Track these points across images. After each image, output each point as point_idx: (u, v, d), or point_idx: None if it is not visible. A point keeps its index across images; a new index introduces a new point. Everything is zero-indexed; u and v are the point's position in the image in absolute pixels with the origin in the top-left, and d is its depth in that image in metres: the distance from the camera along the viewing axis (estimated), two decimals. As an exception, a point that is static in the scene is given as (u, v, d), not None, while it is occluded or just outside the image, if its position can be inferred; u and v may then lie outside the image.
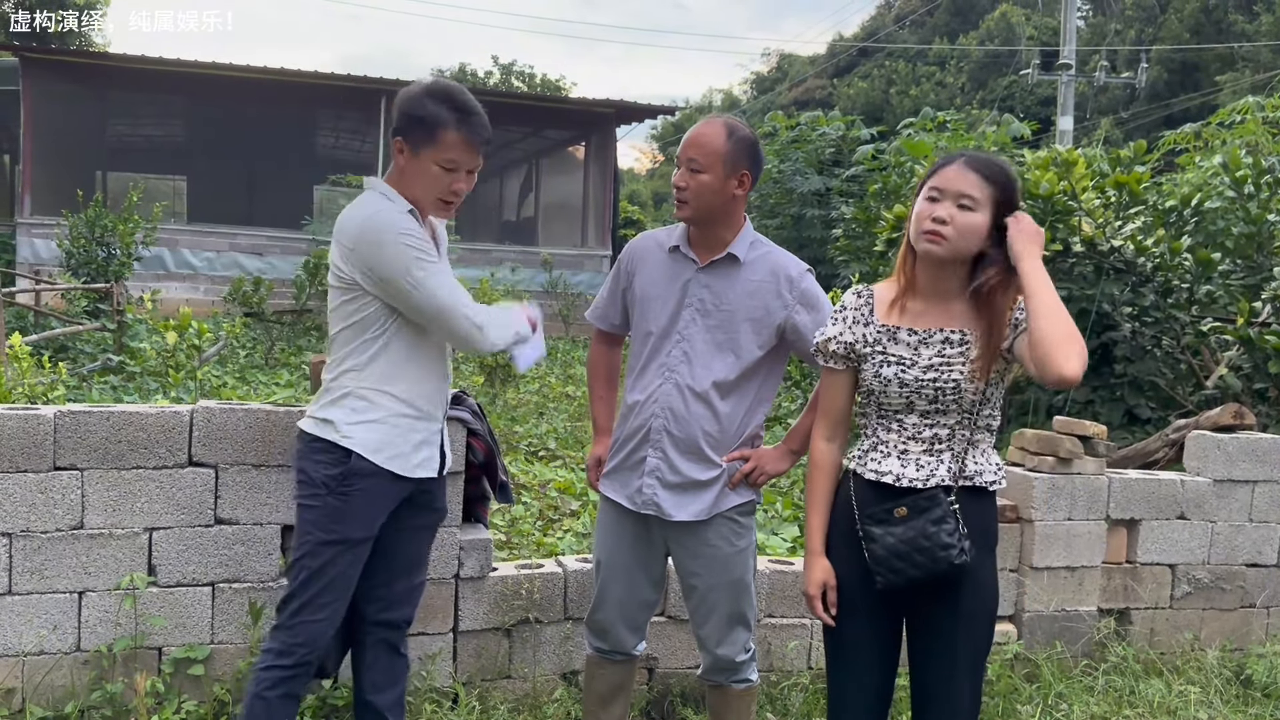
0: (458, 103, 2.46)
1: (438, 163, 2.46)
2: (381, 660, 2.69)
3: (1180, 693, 3.72)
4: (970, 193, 2.18)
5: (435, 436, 2.62)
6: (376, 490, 2.49)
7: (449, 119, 2.44)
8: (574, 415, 9.09)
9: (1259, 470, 4.21)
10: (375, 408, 2.48)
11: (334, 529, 2.48)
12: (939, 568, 2.21)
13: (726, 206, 2.67)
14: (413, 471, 2.54)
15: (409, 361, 2.52)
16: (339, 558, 2.49)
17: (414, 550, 2.70)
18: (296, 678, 2.51)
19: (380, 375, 2.49)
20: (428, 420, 2.58)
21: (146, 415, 3.04)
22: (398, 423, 2.50)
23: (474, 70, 44.19)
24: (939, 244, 2.20)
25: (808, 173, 15.10)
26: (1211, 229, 7.10)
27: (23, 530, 2.95)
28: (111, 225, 12.05)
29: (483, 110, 2.51)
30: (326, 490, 2.47)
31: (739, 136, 2.65)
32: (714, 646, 2.81)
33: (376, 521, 2.52)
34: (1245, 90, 23.06)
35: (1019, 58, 34.01)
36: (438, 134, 2.44)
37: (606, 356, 3.03)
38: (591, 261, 18.55)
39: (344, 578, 2.52)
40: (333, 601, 2.51)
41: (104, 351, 9.50)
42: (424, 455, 2.58)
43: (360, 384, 2.48)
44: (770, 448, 2.78)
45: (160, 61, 16.33)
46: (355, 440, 2.46)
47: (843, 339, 2.36)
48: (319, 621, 2.50)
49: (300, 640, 2.50)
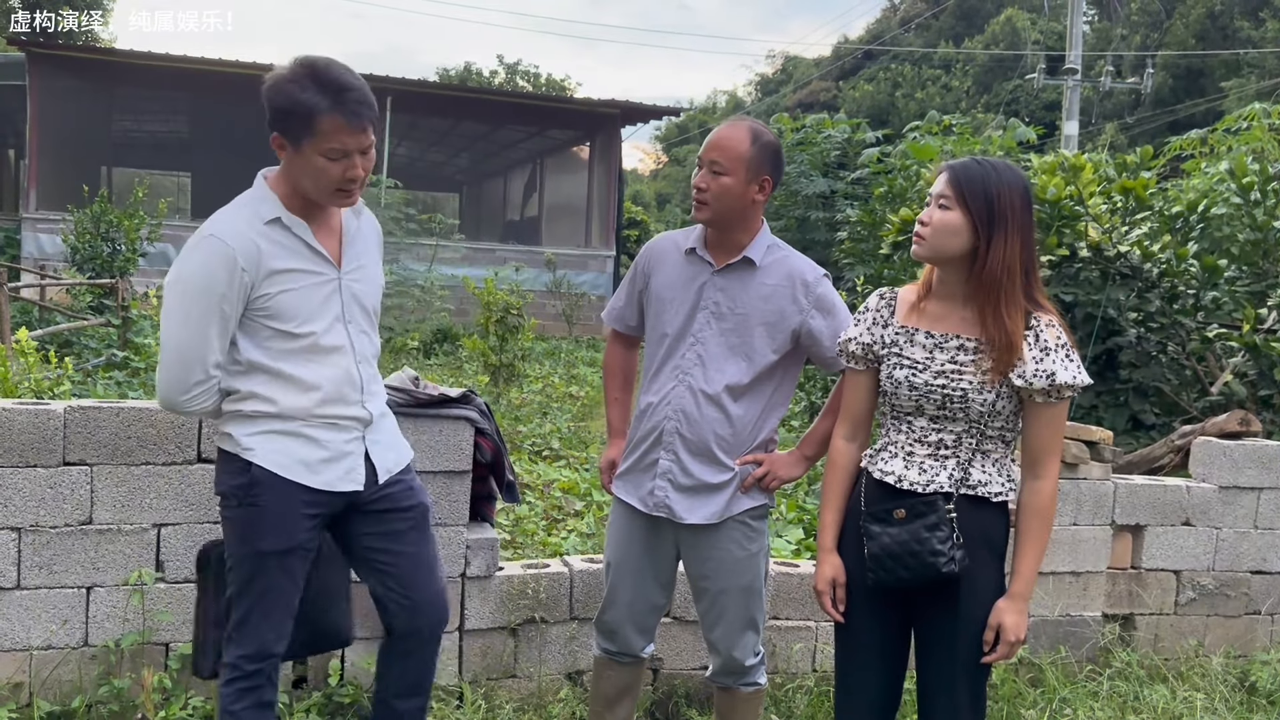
0: (327, 83, 2.21)
1: (322, 154, 2.24)
2: (411, 669, 2.60)
3: (1185, 699, 3.73)
4: (945, 191, 2.25)
5: (352, 447, 2.43)
6: (285, 499, 2.36)
7: (321, 104, 2.20)
8: (578, 415, 9.09)
9: (1265, 477, 4.20)
10: (268, 419, 2.37)
11: (249, 540, 2.39)
12: (928, 573, 2.24)
13: (746, 211, 2.66)
14: (326, 484, 2.40)
15: (287, 378, 2.35)
16: (262, 569, 2.39)
17: (408, 554, 2.55)
18: (260, 687, 2.42)
19: (263, 387, 2.36)
20: (337, 430, 2.41)
21: (156, 411, 3.04)
22: (296, 432, 2.36)
23: (479, 69, 44.26)
24: (919, 243, 2.28)
25: (813, 175, 15.11)
26: (1218, 235, 7.10)
27: (32, 525, 2.96)
28: (116, 221, 12.06)
29: (360, 83, 2.26)
30: (236, 502, 2.40)
31: (763, 142, 2.64)
32: (724, 650, 2.82)
33: (294, 532, 2.38)
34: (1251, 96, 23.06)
35: (1024, 62, 33.98)
36: (313, 123, 2.21)
37: (623, 358, 3.02)
38: (595, 262, 18.56)
39: (275, 588, 2.41)
40: (271, 611, 2.41)
41: (109, 347, 9.50)
42: (342, 468, 2.42)
43: (250, 397, 2.37)
44: (784, 453, 2.78)
45: (166, 58, 16.36)
46: (255, 451, 2.36)
47: (861, 340, 2.40)
48: (262, 632, 2.41)
49: (248, 652, 2.41)
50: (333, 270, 2.41)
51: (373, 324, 2.53)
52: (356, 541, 2.55)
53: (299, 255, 2.36)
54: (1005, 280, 2.21)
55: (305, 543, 2.43)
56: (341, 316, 2.42)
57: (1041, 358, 2.22)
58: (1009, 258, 2.22)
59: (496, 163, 24.32)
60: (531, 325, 9.69)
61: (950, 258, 2.26)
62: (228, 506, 2.41)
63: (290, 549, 2.40)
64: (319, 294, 2.38)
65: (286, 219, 2.35)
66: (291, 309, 2.34)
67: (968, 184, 2.23)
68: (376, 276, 2.56)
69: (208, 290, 2.26)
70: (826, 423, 2.71)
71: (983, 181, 2.23)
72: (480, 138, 21.60)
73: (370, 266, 2.53)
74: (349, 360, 2.43)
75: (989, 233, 2.21)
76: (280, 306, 2.33)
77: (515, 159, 23.55)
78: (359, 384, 2.44)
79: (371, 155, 2.33)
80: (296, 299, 2.34)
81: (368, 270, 2.51)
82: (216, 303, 2.27)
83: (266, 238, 2.33)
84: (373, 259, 2.55)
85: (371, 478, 2.48)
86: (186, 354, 2.29)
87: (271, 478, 2.36)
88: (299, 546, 2.41)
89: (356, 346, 2.45)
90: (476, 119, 19.91)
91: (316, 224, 2.41)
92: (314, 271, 2.38)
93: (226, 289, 2.26)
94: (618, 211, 19.08)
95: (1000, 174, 2.25)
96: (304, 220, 2.37)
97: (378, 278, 2.56)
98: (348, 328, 2.43)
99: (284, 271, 2.33)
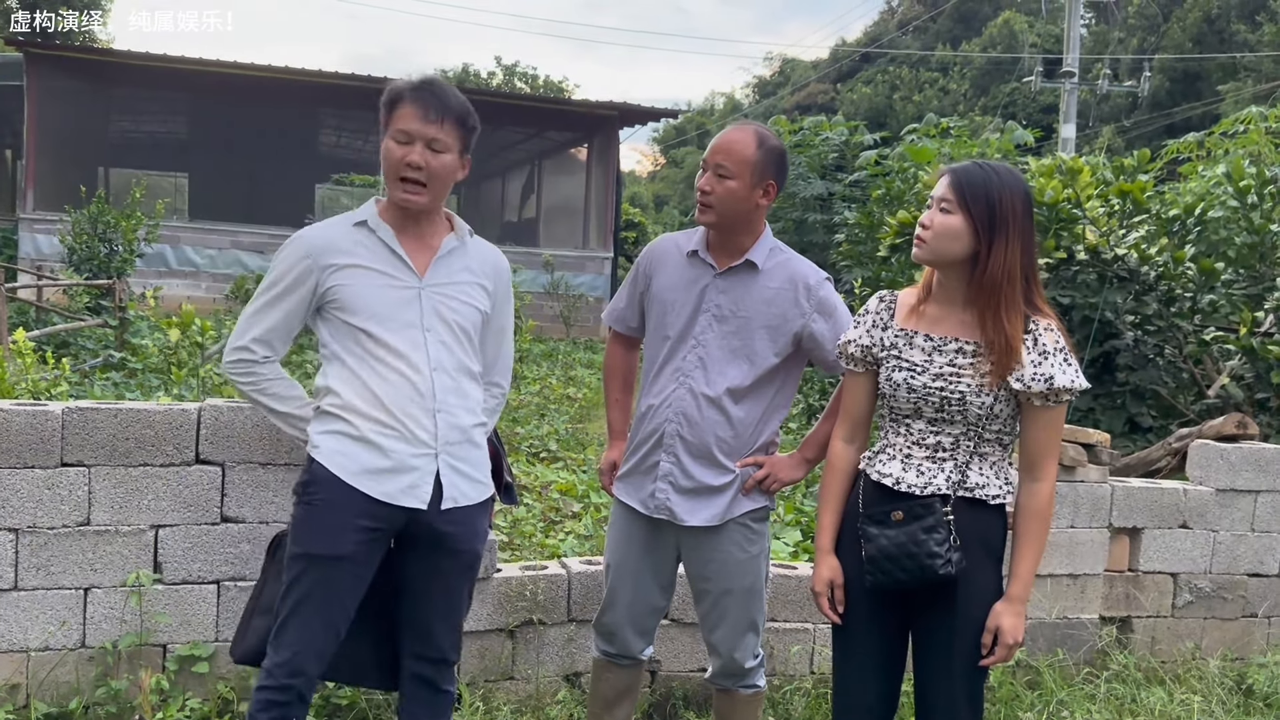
0: (417, 80, 2.42)
1: (393, 138, 2.40)
2: (422, 695, 2.56)
3: (1182, 701, 3.73)
4: (947, 195, 2.26)
5: (420, 463, 2.40)
6: (338, 502, 2.35)
7: (402, 90, 2.40)
8: (575, 417, 9.09)
9: (1261, 480, 4.21)
10: (337, 420, 2.39)
11: (300, 540, 2.39)
12: (925, 576, 2.25)
13: (750, 215, 2.67)
14: (386, 495, 2.37)
15: (358, 378, 2.39)
16: (306, 574, 2.36)
17: (442, 593, 2.51)
18: (288, 703, 2.37)
19: (335, 381, 2.41)
20: (404, 441, 2.38)
21: (154, 413, 3.04)
22: (361, 436, 2.37)
23: (477, 71, 44.25)
24: (920, 247, 2.29)
25: (810, 177, 15.13)
26: (1215, 238, 7.11)
27: (29, 526, 2.95)
28: (114, 221, 12.05)
29: (447, 88, 2.44)
30: (297, 498, 2.42)
31: (769, 146, 2.64)
32: (725, 652, 2.82)
33: (342, 540, 2.35)
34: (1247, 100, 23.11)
35: (1022, 65, 34.03)
36: (393, 110, 2.41)
37: (623, 360, 3.02)
38: (593, 263, 18.55)
39: (315, 598, 2.36)
40: (309, 621, 2.36)
41: (106, 348, 9.49)
42: (405, 481, 2.38)
43: (326, 392, 2.42)
44: (785, 455, 2.78)
45: (164, 58, 16.34)
46: (320, 449, 2.39)
47: (860, 342, 2.41)
48: (297, 642, 2.37)
49: (281, 660, 2.37)
50: (413, 278, 2.45)
51: (461, 341, 2.49)
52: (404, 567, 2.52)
53: (378, 256, 2.45)
54: (1005, 285, 2.22)
55: (355, 555, 2.37)
56: (420, 324, 2.43)
57: (1040, 361, 2.22)
58: (1009, 262, 2.22)
59: (494, 164, 24.31)
60: (529, 327, 9.70)
61: (951, 261, 2.27)
62: (294, 504, 2.45)
63: (338, 557, 2.35)
64: (394, 296, 2.43)
65: (373, 223, 2.46)
66: (360, 302, 2.40)
67: (970, 188, 2.23)
68: (472, 298, 2.52)
69: (275, 272, 2.45)
70: (827, 425, 2.71)
71: (985, 186, 2.23)
72: (478, 139, 21.58)
73: (466, 286, 2.51)
74: (423, 369, 2.41)
75: (990, 237, 2.22)
76: (349, 298, 2.40)
77: (513, 160, 23.54)
78: (431, 394, 2.41)
79: (443, 159, 2.41)
80: (366, 294, 2.41)
81: (461, 288, 2.50)
82: (278, 285, 2.45)
83: (348, 236, 2.46)
84: (470, 283, 2.52)
85: (436, 501, 2.42)
86: (242, 322, 2.50)
87: (330, 478, 2.36)
88: (347, 558, 2.36)
89: (433, 355, 2.43)
90: (474, 120, 19.85)
91: (410, 238, 2.48)
92: (390, 274, 2.44)
93: (289, 272, 2.43)
94: (615, 213, 19.07)
95: (1002, 178, 2.25)
96: (394, 230, 2.47)
97: (474, 299, 2.52)
98: (425, 335, 2.43)
99: (357, 266, 2.42)
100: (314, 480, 2.38)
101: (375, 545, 2.42)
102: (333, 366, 2.43)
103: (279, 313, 2.45)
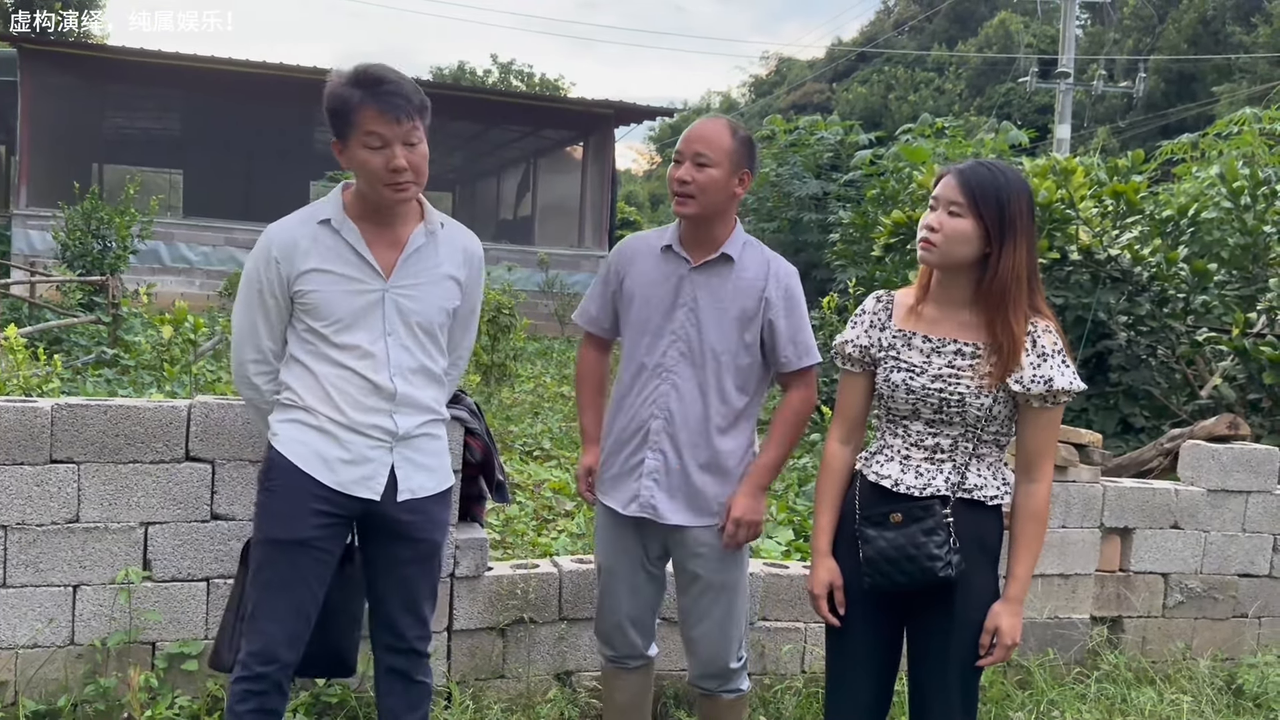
0: (363, 78, 2.33)
1: (363, 145, 2.33)
2: (397, 688, 2.59)
3: (1172, 701, 3.74)
4: (957, 199, 2.23)
5: (376, 454, 2.43)
6: (295, 488, 2.38)
7: (356, 96, 2.31)
8: (569, 415, 9.08)
9: (1252, 481, 4.22)
10: (295, 409, 2.43)
11: (261, 527, 2.43)
12: (925, 578, 2.24)
13: (727, 204, 2.70)
14: (340, 484, 2.39)
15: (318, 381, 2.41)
16: (269, 560, 2.40)
17: (405, 583, 2.54)
18: (265, 693, 2.39)
19: (295, 381, 2.43)
20: (355, 433, 2.40)
21: (144, 409, 3.03)
22: (319, 426, 2.40)
23: (473, 69, 44.21)
24: (929, 250, 2.26)
25: (805, 177, 15.14)
26: (1208, 239, 7.13)
27: (18, 523, 2.94)
28: (108, 218, 12.03)
29: (398, 77, 2.36)
30: (259, 486, 2.47)
31: (742, 136, 2.69)
32: (704, 650, 2.81)
33: (301, 525, 2.38)
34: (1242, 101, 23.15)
35: (1017, 65, 34.09)
36: (352, 117, 2.32)
37: (596, 363, 2.99)
38: (588, 262, 18.55)
39: (280, 582, 2.39)
40: (277, 607, 2.39)
41: (99, 344, 9.47)
42: (360, 472, 2.41)
43: (286, 388, 2.46)
44: (742, 496, 2.71)
45: (158, 55, 16.30)
46: (279, 437, 2.43)
47: (858, 343, 2.39)
48: (268, 630, 2.38)
49: (254, 649, 2.39)
50: (378, 280, 2.43)
51: (420, 340, 2.48)
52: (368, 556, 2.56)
53: (341, 259, 2.42)
54: (1014, 287, 2.21)
55: (316, 541, 2.41)
56: (381, 329, 2.43)
57: (1039, 363, 2.22)
58: (1018, 264, 2.22)
59: (490, 162, 24.30)
60: (524, 325, 9.68)
61: (959, 264, 2.25)
62: (257, 491, 2.47)
63: (299, 541, 2.39)
64: (357, 301, 2.41)
65: (337, 221, 2.43)
66: (325, 308, 2.40)
67: (980, 190, 2.21)
68: (437, 296, 2.50)
69: (251, 279, 2.44)
70: (774, 453, 2.74)
71: (994, 188, 2.22)
72: (473, 137, 21.57)
73: (430, 285, 2.49)
74: (382, 371, 2.42)
75: (1001, 240, 2.21)
76: (314, 304, 2.40)
77: (509, 158, 23.52)
78: (391, 396, 2.43)
79: (420, 150, 2.39)
80: (330, 300, 2.40)
81: (427, 288, 2.48)
82: (258, 290, 2.44)
83: (311, 236, 2.42)
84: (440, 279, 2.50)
85: (391, 493, 2.45)
86: (239, 334, 2.49)
87: (287, 464, 2.40)
88: (308, 542, 2.40)
89: (394, 359, 2.44)
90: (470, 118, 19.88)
91: (377, 233, 2.45)
92: (353, 278, 2.42)
93: (264, 277, 2.42)
94: (611, 212, 19.08)
95: (1009, 178, 2.24)
96: (360, 227, 2.43)
97: (441, 298, 2.51)
98: (387, 340, 2.43)
99: (319, 271, 2.40)
100: (273, 467, 2.43)
101: (335, 531, 2.45)
102: (294, 367, 2.45)
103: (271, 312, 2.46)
